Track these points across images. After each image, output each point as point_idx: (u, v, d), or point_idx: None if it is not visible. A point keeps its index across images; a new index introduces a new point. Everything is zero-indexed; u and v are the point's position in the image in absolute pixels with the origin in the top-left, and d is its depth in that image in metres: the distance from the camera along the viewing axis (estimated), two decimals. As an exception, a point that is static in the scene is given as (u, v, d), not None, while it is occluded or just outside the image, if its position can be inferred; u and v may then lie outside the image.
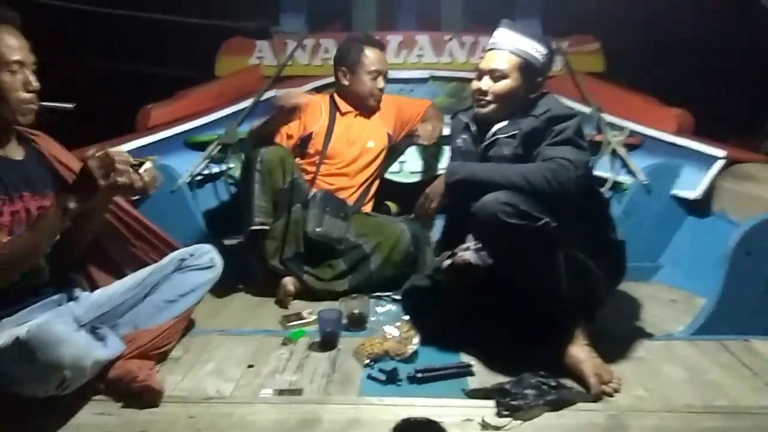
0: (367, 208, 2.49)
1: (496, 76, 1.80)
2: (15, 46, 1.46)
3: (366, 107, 2.48)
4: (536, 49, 1.79)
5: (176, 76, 3.05)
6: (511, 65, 1.79)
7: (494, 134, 1.80)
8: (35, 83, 1.49)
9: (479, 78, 1.84)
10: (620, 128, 2.54)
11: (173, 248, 1.84)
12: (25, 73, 1.48)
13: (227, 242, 2.34)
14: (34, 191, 1.54)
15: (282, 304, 2.15)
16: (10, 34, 1.47)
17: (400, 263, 2.18)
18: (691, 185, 2.34)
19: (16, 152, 1.56)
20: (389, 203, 2.73)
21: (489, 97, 1.81)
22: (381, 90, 2.45)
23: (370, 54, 2.42)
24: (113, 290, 1.71)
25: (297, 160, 2.24)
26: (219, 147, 2.59)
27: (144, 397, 1.46)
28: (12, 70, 1.45)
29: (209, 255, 1.80)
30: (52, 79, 1.55)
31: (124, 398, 1.47)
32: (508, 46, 1.79)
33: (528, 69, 1.79)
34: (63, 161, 1.66)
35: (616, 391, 1.54)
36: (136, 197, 1.77)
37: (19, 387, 1.31)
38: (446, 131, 2.39)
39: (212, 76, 2.87)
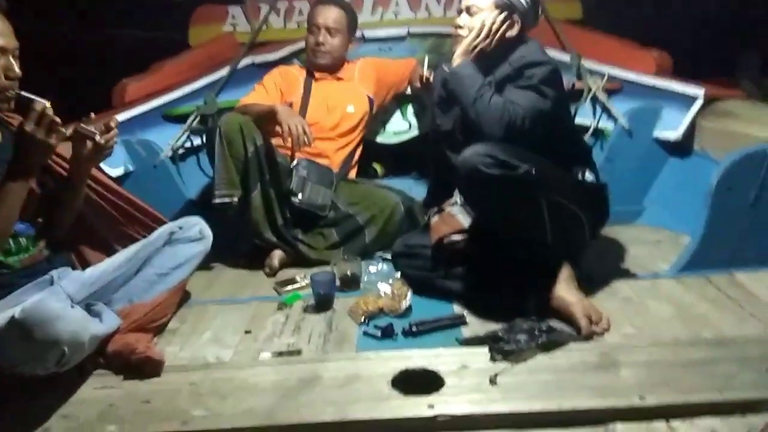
0: (353, 173, 2.48)
1: (473, 11, 1.78)
2: None
3: (317, 65, 2.45)
4: None
5: (150, 45, 2.98)
6: (490, 2, 1.77)
7: None
8: (16, 70, 1.45)
9: (459, 14, 1.83)
10: (600, 74, 2.54)
11: (161, 223, 1.84)
12: (6, 59, 1.43)
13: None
14: None
15: (268, 275, 2.15)
16: None
17: (394, 235, 2.15)
18: (672, 126, 2.35)
19: None
20: (375, 165, 2.73)
21: (464, 32, 1.79)
22: (318, 44, 2.40)
23: (313, 10, 2.42)
24: (104, 267, 1.71)
25: (278, 129, 2.21)
26: (198, 118, 2.55)
27: (145, 368, 1.48)
28: None
29: (198, 227, 1.80)
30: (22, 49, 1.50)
31: (126, 371, 1.49)
32: None
33: (506, 6, 1.77)
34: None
35: (606, 330, 1.58)
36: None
37: (18, 366, 1.31)
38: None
39: (185, 42, 2.81)
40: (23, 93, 1.46)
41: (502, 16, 1.76)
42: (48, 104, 1.39)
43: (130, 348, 1.50)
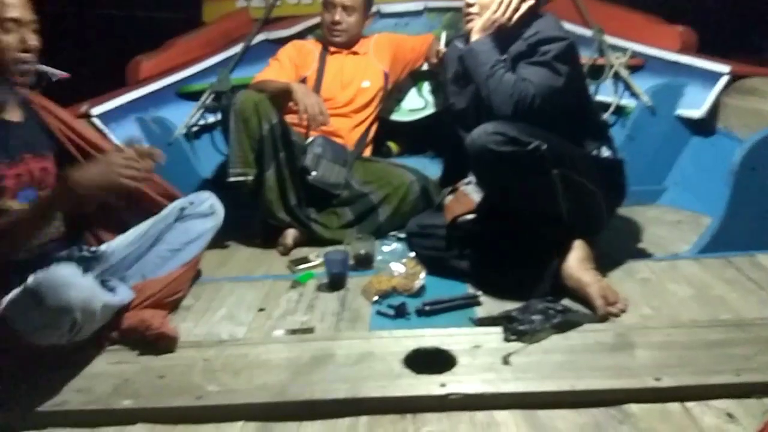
0: (368, 151, 2.46)
1: None
2: (11, 2, 1.39)
3: (334, 42, 2.42)
4: None
5: (164, 21, 2.96)
6: None
7: None
8: (33, 41, 1.43)
9: None
10: (623, 50, 2.47)
11: (174, 198, 1.84)
12: (22, 31, 1.41)
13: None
14: (35, 152, 1.53)
15: (282, 254, 2.15)
16: None
17: (408, 215, 2.12)
18: (696, 104, 2.29)
19: (14, 114, 1.52)
20: (390, 143, 2.71)
21: (474, 9, 1.76)
22: (335, 22, 2.37)
23: None
24: (117, 244, 1.72)
25: (293, 106, 2.19)
26: (212, 95, 2.54)
27: (159, 344, 1.49)
28: (6, 29, 1.39)
29: (209, 202, 1.80)
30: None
31: (140, 346, 1.50)
32: None
33: None
34: (62, 119, 1.63)
35: (623, 311, 1.55)
36: None
37: (33, 336, 1.33)
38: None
39: (199, 20, 2.79)
40: (42, 67, 1.46)
41: None
42: (66, 75, 1.38)
43: (145, 324, 1.51)
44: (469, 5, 1.78)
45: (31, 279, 1.28)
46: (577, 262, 1.62)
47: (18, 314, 1.31)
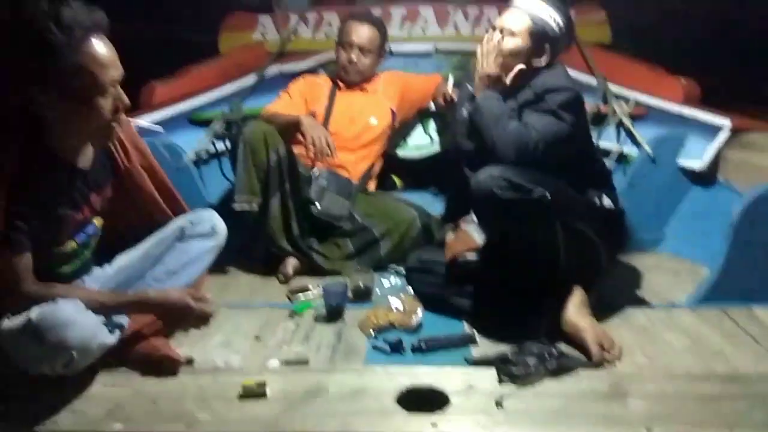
0: (372, 185, 2.49)
1: (506, 34, 1.79)
2: (109, 62, 1.32)
3: (346, 80, 2.48)
4: (552, 18, 1.78)
5: (180, 49, 3.03)
6: (523, 27, 1.78)
7: None
8: (125, 100, 1.38)
9: (492, 30, 1.85)
10: (626, 99, 2.52)
11: (182, 211, 1.78)
12: (117, 90, 1.36)
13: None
14: (99, 189, 1.53)
15: (282, 282, 2.16)
16: (102, 44, 1.32)
17: (409, 251, 2.14)
18: (697, 155, 2.32)
19: (87, 157, 1.48)
20: (394, 178, 2.74)
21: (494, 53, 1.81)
22: (351, 62, 2.43)
23: (346, 26, 2.44)
24: (119, 264, 1.70)
25: (300, 138, 2.23)
26: (224, 124, 2.59)
27: (163, 366, 1.50)
28: (106, 93, 1.34)
29: (210, 222, 1.74)
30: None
31: (142, 368, 1.51)
32: (525, 8, 1.79)
33: (539, 35, 1.78)
34: (125, 145, 1.60)
35: (618, 359, 1.56)
36: None
37: (28, 366, 1.34)
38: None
39: (215, 50, 2.86)
40: (138, 122, 1.49)
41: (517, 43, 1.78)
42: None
43: (151, 346, 1.52)
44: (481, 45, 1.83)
45: (34, 313, 1.29)
46: (574, 306, 1.63)
47: (15, 345, 1.32)
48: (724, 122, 2.26)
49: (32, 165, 1.35)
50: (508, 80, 1.80)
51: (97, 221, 1.56)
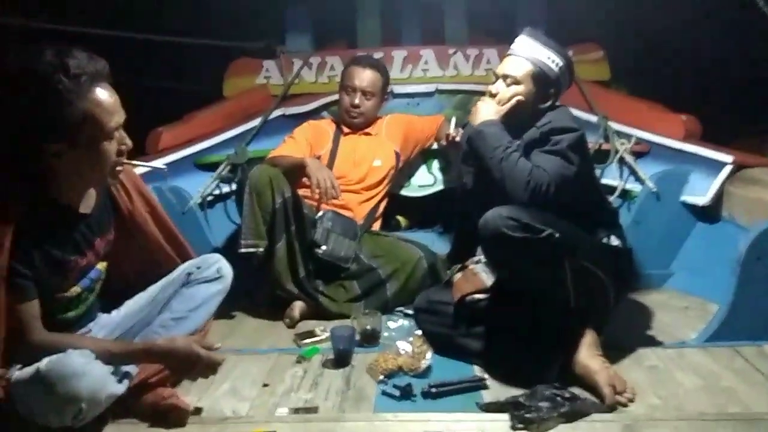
0: (377, 225, 2.50)
1: (509, 81, 1.82)
2: (113, 109, 1.36)
3: (350, 124, 2.51)
4: (553, 60, 1.81)
5: (185, 96, 3.08)
6: (525, 72, 1.81)
7: None
8: (128, 142, 1.42)
9: (494, 82, 1.87)
10: (627, 136, 2.55)
11: (188, 257, 1.80)
12: (121, 134, 1.40)
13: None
14: (102, 234, 1.54)
15: (288, 326, 2.15)
16: (106, 92, 1.35)
17: (416, 291, 2.14)
18: (700, 191, 2.34)
19: (89, 201, 1.50)
20: (399, 217, 2.76)
21: (497, 100, 1.83)
22: (354, 106, 2.47)
23: (348, 70, 2.49)
24: (126, 310, 1.71)
25: (305, 180, 2.25)
26: (229, 167, 2.62)
27: (171, 416, 1.48)
28: (112, 137, 1.37)
29: (216, 266, 1.74)
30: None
31: (150, 419, 1.49)
32: (525, 54, 1.82)
33: (541, 78, 1.81)
34: (128, 190, 1.63)
35: (631, 401, 1.54)
36: None
37: (36, 417, 1.32)
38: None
39: (220, 95, 2.91)
40: (137, 163, 1.50)
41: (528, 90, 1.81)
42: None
43: (159, 396, 1.51)
44: (492, 95, 1.85)
45: (43, 364, 1.29)
46: (585, 348, 1.62)
47: (24, 396, 1.31)
48: (727, 158, 2.28)
49: (36, 211, 1.37)
50: (505, 109, 1.82)
51: (101, 265, 1.57)
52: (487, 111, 1.82)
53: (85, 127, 1.33)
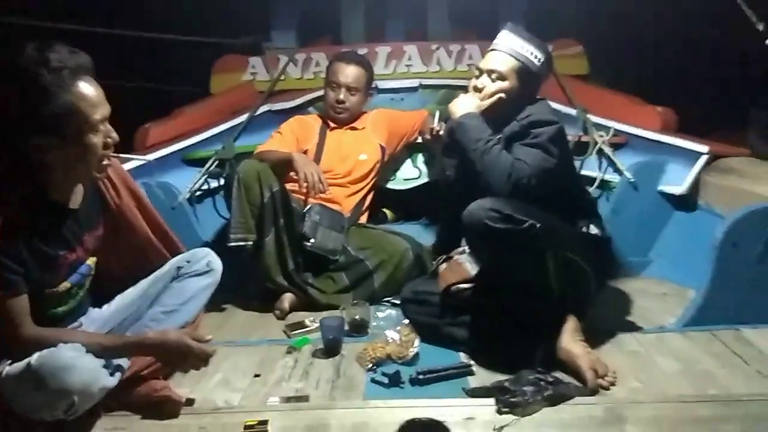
0: (364, 218, 2.53)
1: (494, 76, 1.86)
2: (97, 102, 1.36)
3: (336, 119, 2.54)
4: (535, 55, 1.85)
5: (172, 93, 3.09)
6: (509, 67, 1.85)
7: None
8: (114, 136, 1.42)
9: (478, 76, 1.90)
10: (605, 128, 2.60)
11: (178, 251, 1.81)
12: (107, 127, 1.40)
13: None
14: (90, 229, 1.55)
15: (278, 318, 2.18)
16: (89, 85, 1.36)
17: (403, 282, 2.18)
18: (677, 181, 2.40)
19: (77, 197, 1.51)
20: (386, 210, 2.79)
21: (482, 95, 1.87)
22: (339, 102, 2.49)
23: (333, 67, 2.52)
24: (117, 305, 1.71)
25: (293, 174, 2.28)
26: (216, 162, 2.63)
27: (164, 408, 1.50)
28: (97, 130, 1.37)
29: (206, 260, 1.75)
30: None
31: (143, 411, 1.51)
32: (509, 49, 1.86)
33: (524, 73, 1.85)
34: (115, 184, 1.63)
35: (612, 384, 1.59)
36: None
37: (29, 412, 1.33)
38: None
39: (207, 92, 2.91)
40: (122, 155, 1.51)
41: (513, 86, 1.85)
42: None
43: (151, 387, 1.53)
44: (477, 90, 1.89)
45: (35, 359, 1.30)
46: (567, 334, 1.67)
47: (16, 391, 1.32)
48: (702, 148, 2.35)
49: (24, 207, 1.38)
50: (486, 104, 1.86)
51: (90, 261, 1.58)
52: (467, 104, 1.86)
53: (70, 120, 1.33)
